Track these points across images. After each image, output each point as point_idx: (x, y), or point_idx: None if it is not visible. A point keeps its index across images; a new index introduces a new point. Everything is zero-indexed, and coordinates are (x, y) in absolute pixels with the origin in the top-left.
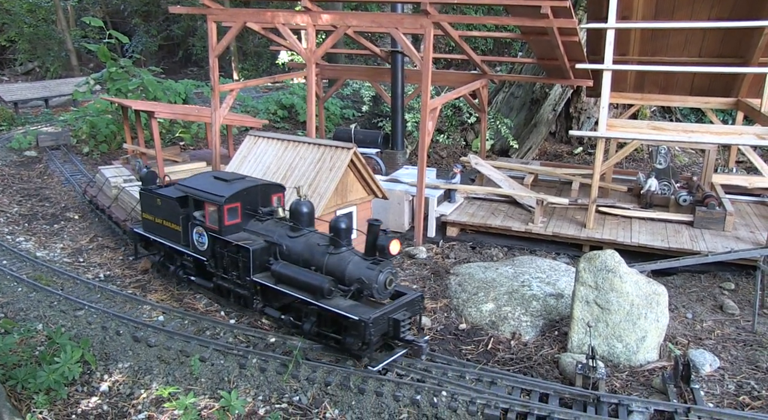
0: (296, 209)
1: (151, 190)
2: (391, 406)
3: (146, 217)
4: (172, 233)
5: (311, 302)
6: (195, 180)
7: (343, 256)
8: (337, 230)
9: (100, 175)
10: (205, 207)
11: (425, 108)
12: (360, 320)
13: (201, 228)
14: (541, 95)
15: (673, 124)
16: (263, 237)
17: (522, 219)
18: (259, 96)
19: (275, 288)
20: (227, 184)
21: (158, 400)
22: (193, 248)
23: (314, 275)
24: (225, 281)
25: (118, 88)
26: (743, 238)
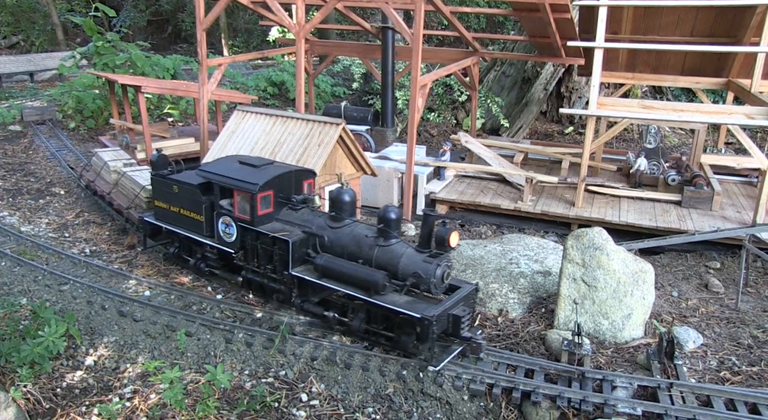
0: (338, 198)
1: (166, 176)
2: (377, 381)
3: (159, 205)
4: (191, 223)
5: (364, 299)
6: (219, 165)
7: (394, 249)
8: (386, 221)
9: (96, 159)
10: (235, 195)
11: (415, 85)
12: (423, 318)
13: (228, 218)
14: (533, 74)
15: (663, 103)
16: (300, 227)
17: (511, 197)
18: (249, 73)
19: (322, 284)
20: (257, 170)
21: (144, 375)
22: (219, 240)
23: (366, 270)
24: (257, 275)
25: (105, 62)
26: (730, 217)
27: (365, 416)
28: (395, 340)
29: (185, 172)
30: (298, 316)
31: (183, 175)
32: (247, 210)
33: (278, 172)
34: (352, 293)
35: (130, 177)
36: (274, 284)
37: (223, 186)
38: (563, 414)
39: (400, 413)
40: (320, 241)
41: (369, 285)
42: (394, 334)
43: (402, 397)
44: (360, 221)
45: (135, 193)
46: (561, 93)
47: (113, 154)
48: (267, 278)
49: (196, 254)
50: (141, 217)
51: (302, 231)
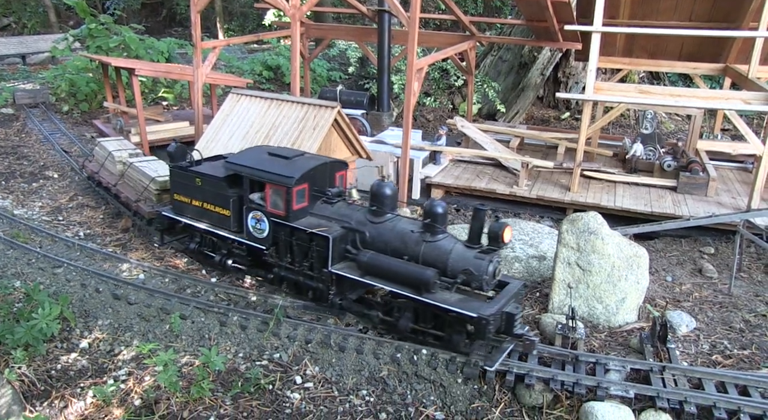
0: (379, 191)
1: (188, 169)
2: (371, 363)
3: (179, 198)
4: (216, 218)
5: (413, 297)
6: (246, 157)
7: (442, 244)
8: (433, 215)
9: (99, 149)
10: (267, 189)
11: (411, 68)
12: (480, 317)
13: (260, 213)
14: (530, 59)
15: (660, 88)
16: (338, 223)
17: (507, 182)
18: (244, 57)
19: (366, 282)
20: (290, 162)
21: (138, 357)
22: (248, 235)
23: (416, 267)
24: (291, 273)
25: (98, 45)
26: (725, 203)
27: (359, 398)
28: (445, 339)
29: (206, 163)
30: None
31: (206, 167)
32: (282, 205)
33: (313, 164)
34: (400, 291)
35: (138, 168)
36: (310, 282)
37: (254, 179)
38: (556, 396)
39: (394, 395)
40: (361, 237)
41: (419, 283)
42: (444, 333)
43: (396, 380)
44: (402, 216)
45: (144, 186)
46: (558, 78)
47: (118, 144)
48: (302, 276)
49: (220, 250)
50: (159, 212)
51: (341, 226)
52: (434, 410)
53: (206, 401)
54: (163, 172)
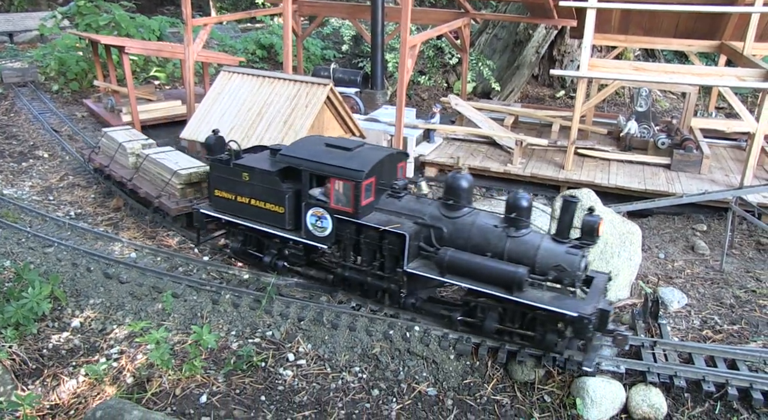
0: (455, 184)
1: (233, 163)
2: (364, 340)
3: (220, 195)
4: (267, 215)
5: (505, 297)
6: (302, 149)
7: (529, 239)
8: (518, 208)
9: (107, 140)
10: (332, 183)
11: (404, 45)
12: (581, 316)
13: (321, 209)
14: (525, 37)
15: (654, 65)
16: (409, 218)
17: (501, 160)
18: (237, 36)
19: (447, 281)
20: (353, 153)
21: (130, 335)
22: (307, 234)
23: (504, 264)
24: (356, 273)
25: (87, 23)
26: (718, 180)
27: (352, 375)
28: (537, 338)
29: (248, 155)
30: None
31: (251, 160)
32: (349, 200)
33: (379, 155)
34: (488, 291)
35: (156, 161)
36: (379, 282)
37: (315, 173)
38: (548, 372)
39: (387, 372)
40: (437, 233)
41: (510, 281)
42: (535, 333)
43: (388, 357)
44: (480, 209)
45: (165, 180)
46: (553, 56)
47: (126, 134)
48: (370, 276)
49: (269, 250)
50: (197, 209)
51: (413, 222)
52: (426, 386)
53: (198, 379)
54: (185, 165)
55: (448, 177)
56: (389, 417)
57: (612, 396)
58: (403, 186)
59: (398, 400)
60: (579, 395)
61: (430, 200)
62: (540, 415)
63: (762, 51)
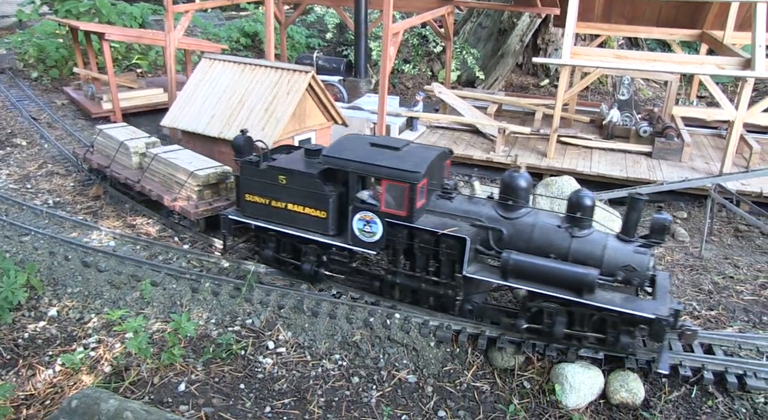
0: (512, 183)
1: (268, 165)
2: (344, 328)
3: (252, 199)
4: (307, 221)
5: (576, 301)
6: (346, 149)
7: (594, 239)
8: (581, 207)
9: (103, 138)
10: (383, 186)
11: (387, 32)
12: (659, 318)
13: (370, 213)
14: (509, 25)
15: (636, 53)
16: (463, 220)
17: (483, 148)
18: (221, 24)
19: (511, 286)
20: (403, 153)
21: (109, 324)
22: (353, 240)
23: (574, 266)
24: (409, 279)
25: (67, 9)
26: (699, 168)
27: (332, 363)
28: (609, 341)
29: (281, 156)
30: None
31: (285, 161)
32: (402, 203)
33: (432, 155)
34: (556, 295)
35: (168, 161)
36: (434, 289)
37: (364, 175)
38: (528, 359)
39: (367, 359)
40: (496, 235)
41: (580, 284)
42: (606, 336)
43: (369, 344)
44: (538, 209)
45: (180, 181)
46: (537, 45)
47: (126, 132)
48: (424, 282)
49: (307, 257)
50: (224, 216)
51: (470, 224)
52: (407, 373)
53: (177, 367)
54: (200, 165)
55: (505, 176)
56: (369, 404)
57: (590, 382)
58: (452, 187)
59: (378, 387)
60: (558, 381)
61: (484, 200)
62: (519, 401)
63: (742, 40)
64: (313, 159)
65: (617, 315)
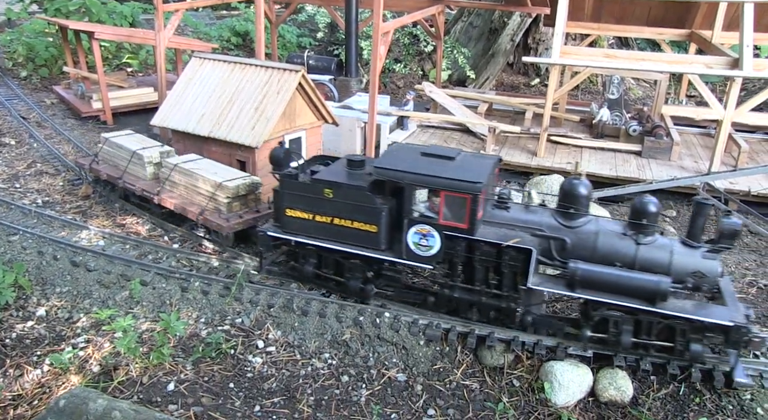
0: (572, 190)
1: (312, 178)
2: (334, 327)
3: (293, 214)
4: (355, 235)
5: (648, 309)
6: (397, 160)
7: (660, 246)
8: (645, 213)
9: (110, 147)
10: (441, 197)
11: (377, 31)
12: (738, 326)
13: (427, 227)
14: (500, 25)
15: (625, 52)
16: (523, 230)
17: (474, 147)
18: (212, 23)
19: (580, 296)
20: (458, 162)
21: (98, 324)
22: (408, 254)
23: (645, 275)
24: (469, 293)
25: (57, 8)
26: (687, 167)
27: (321, 362)
28: (678, 350)
29: (320, 168)
30: None
31: (327, 174)
32: (463, 215)
33: (486, 163)
34: (628, 305)
35: (190, 171)
36: (495, 302)
37: (422, 187)
38: (517, 357)
39: (357, 358)
40: (558, 245)
41: (653, 293)
42: (675, 344)
43: (359, 343)
44: (599, 216)
45: (206, 193)
46: (528, 44)
47: (135, 140)
48: (484, 295)
49: (352, 273)
50: (263, 232)
51: (531, 235)
52: (396, 372)
53: (166, 366)
54: (227, 175)
55: (565, 184)
56: (358, 403)
57: (579, 379)
58: (507, 196)
59: (368, 386)
60: (547, 379)
61: (541, 209)
62: (509, 399)
63: (730, 40)
64: (356, 170)
65: (686, 323)
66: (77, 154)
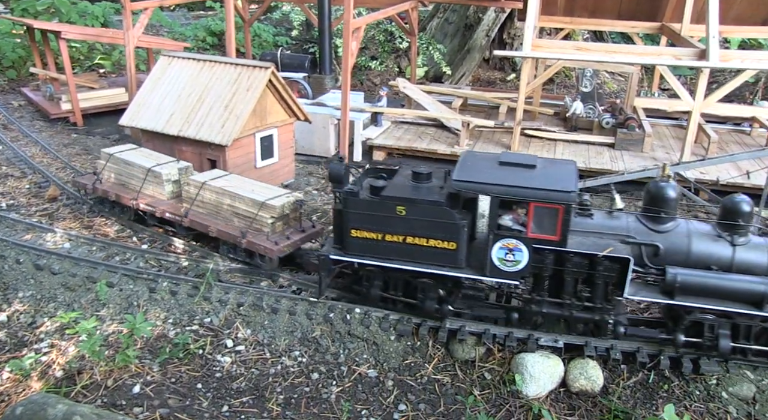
0: (660, 193)
1: (383, 195)
2: (304, 324)
3: (359, 235)
4: (430, 254)
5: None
6: (476, 171)
7: (755, 246)
8: (739, 213)
9: (116, 164)
10: (530, 209)
11: (347, 27)
12: None
13: (513, 240)
14: (475, 21)
15: (596, 45)
16: (610, 237)
17: (448, 142)
18: (188, 23)
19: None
20: (542, 171)
21: (62, 328)
22: (492, 270)
23: (749, 278)
24: (558, 307)
25: (24, 8)
26: (659, 158)
27: (291, 359)
28: None
29: (381, 183)
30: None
31: (396, 189)
32: (554, 227)
33: (570, 170)
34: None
35: (225, 190)
36: (588, 315)
37: (507, 199)
38: (489, 349)
39: (327, 355)
40: (651, 251)
41: (761, 296)
42: None
43: (329, 340)
44: (688, 219)
45: (248, 214)
46: (503, 40)
47: (142, 155)
48: (575, 308)
49: (426, 293)
50: (324, 256)
51: (621, 242)
52: (367, 368)
53: (132, 369)
54: (267, 193)
55: (652, 186)
56: (329, 400)
57: (550, 370)
58: (587, 202)
59: (338, 382)
60: (518, 371)
61: (625, 214)
62: (480, 392)
63: (699, 32)
64: (424, 183)
65: None
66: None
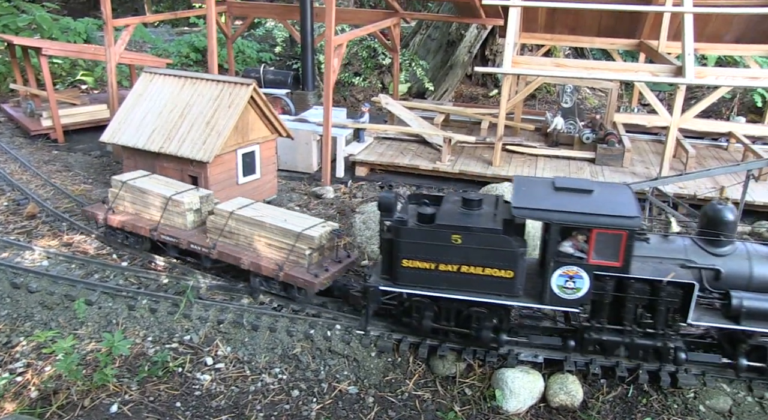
0: (717, 216)
1: (435, 224)
2: (284, 341)
3: (411, 265)
4: (486, 283)
5: None
6: (534, 198)
7: None
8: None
9: (129, 192)
10: (592, 235)
11: (329, 44)
12: None
13: (575, 268)
14: (457, 37)
15: (575, 61)
16: (669, 262)
17: (430, 158)
18: (171, 39)
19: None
20: (599, 195)
21: (39, 347)
22: (552, 299)
23: None
24: (618, 334)
25: (4, 24)
26: (639, 173)
27: (272, 377)
28: None
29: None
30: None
31: (448, 217)
32: (617, 253)
33: (628, 193)
34: None
35: (255, 220)
36: (650, 342)
37: (571, 226)
38: (469, 365)
39: (307, 372)
40: (712, 275)
41: None
42: None
43: (309, 356)
44: (745, 239)
45: (284, 245)
46: (486, 56)
47: (158, 183)
48: (636, 335)
49: (481, 323)
50: (373, 288)
51: (681, 266)
52: (347, 385)
53: (110, 388)
54: (302, 222)
55: (708, 209)
56: (309, 417)
57: (530, 386)
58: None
59: (319, 399)
60: (498, 387)
61: (680, 237)
62: (461, 408)
63: (676, 49)
64: (476, 210)
65: None
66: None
